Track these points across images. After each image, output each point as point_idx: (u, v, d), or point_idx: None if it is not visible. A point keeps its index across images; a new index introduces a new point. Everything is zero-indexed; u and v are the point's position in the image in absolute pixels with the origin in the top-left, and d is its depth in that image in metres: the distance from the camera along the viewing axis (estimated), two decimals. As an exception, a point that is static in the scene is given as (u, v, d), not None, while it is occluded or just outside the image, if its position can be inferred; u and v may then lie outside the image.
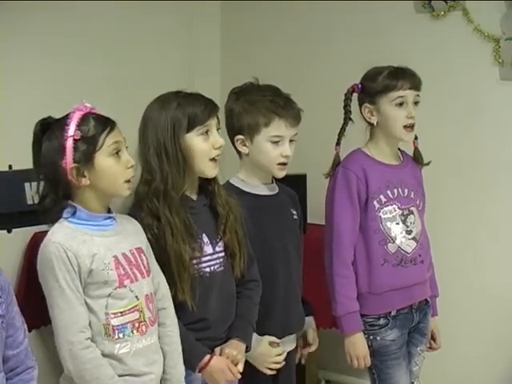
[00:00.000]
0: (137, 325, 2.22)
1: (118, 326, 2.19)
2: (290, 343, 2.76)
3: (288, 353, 2.74)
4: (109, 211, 2.28)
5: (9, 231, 2.82)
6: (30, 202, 2.84)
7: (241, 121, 2.66)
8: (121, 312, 2.19)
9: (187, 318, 2.41)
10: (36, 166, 2.23)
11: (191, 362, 2.40)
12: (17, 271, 3.23)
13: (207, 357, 2.42)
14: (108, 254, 2.20)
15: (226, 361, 2.44)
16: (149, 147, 2.44)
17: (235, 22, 4.11)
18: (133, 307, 2.21)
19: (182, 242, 2.38)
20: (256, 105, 2.65)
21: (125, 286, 2.21)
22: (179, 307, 2.38)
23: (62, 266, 2.14)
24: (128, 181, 2.24)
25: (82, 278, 2.16)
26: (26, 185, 2.85)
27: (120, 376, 2.19)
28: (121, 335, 2.19)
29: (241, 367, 2.48)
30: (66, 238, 2.16)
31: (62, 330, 2.14)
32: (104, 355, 2.18)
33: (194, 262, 2.43)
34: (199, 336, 2.43)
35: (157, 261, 2.37)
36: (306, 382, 3.41)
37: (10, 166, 2.83)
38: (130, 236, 2.29)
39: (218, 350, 2.47)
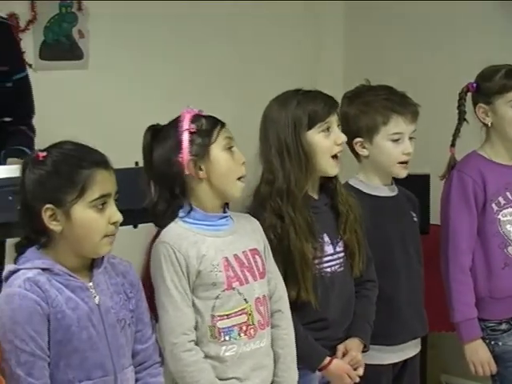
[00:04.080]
0: (244, 328, 2.22)
1: (223, 328, 2.20)
2: (413, 347, 2.73)
3: (412, 357, 2.71)
4: (225, 211, 2.30)
5: (135, 226, 2.87)
6: (150, 206, 2.90)
7: (358, 123, 2.63)
8: (227, 315, 2.21)
9: (308, 318, 2.41)
10: (147, 170, 2.28)
11: (311, 363, 2.41)
12: (141, 266, 3.30)
13: (327, 359, 2.42)
14: (218, 255, 2.22)
15: (346, 367, 2.44)
16: (270, 146, 2.45)
17: (358, 21, 4.09)
18: (240, 310, 2.22)
19: (304, 241, 2.38)
20: (372, 105, 2.62)
21: (233, 289, 2.22)
22: (301, 307, 2.39)
23: (170, 267, 2.18)
24: (240, 178, 2.25)
25: (190, 280, 2.19)
26: (152, 181, 2.91)
27: (223, 380, 2.20)
28: (227, 338, 2.20)
29: (361, 371, 2.46)
30: (177, 239, 2.20)
31: (166, 331, 2.18)
32: (209, 357, 2.20)
33: (316, 261, 2.43)
34: (318, 336, 2.44)
35: (281, 261, 2.37)
36: (427, 386, 3.36)
37: (137, 163, 2.88)
38: (245, 236, 2.30)
39: (341, 348, 2.47)
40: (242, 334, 2.23)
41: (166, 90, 3.55)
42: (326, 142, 2.45)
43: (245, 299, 2.24)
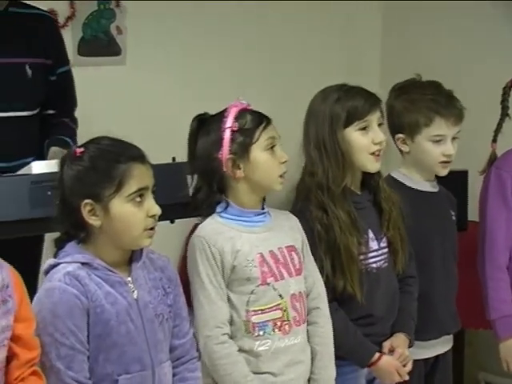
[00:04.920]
0: (279, 323, 2.23)
1: (258, 323, 2.21)
2: (446, 343, 2.72)
3: (444, 353, 2.70)
4: (263, 207, 2.30)
5: (172, 222, 2.89)
6: (191, 193, 2.91)
7: (401, 120, 2.62)
8: (261, 310, 2.21)
9: (354, 313, 2.42)
10: (191, 159, 2.30)
11: (361, 359, 2.41)
12: (178, 261, 3.32)
13: (376, 355, 2.42)
14: (253, 250, 2.22)
15: (395, 363, 2.43)
16: (310, 141, 2.45)
17: (396, 16, 4.07)
18: (275, 306, 2.23)
19: (349, 236, 2.38)
20: (417, 104, 2.60)
21: (268, 284, 2.22)
22: (347, 302, 2.40)
23: (205, 261, 2.19)
24: (281, 176, 2.26)
25: (225, 274, 2.20)
26: (188, 177, 2.93)
27: (257, 373, 2.21)
28: (261, 333, 2.21)
29: (410, 367, 2.45)
30: (212, 233, 2.21)
31: (201, 324, 2.19)
32: (243, 351, 2.21)
33: (362, 257, 2.43)
34: (365, 331, 2.44)
35: (328, 251, 2.37)
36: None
37: (174, 159, 2.90)
38: (282, 233, 2.30)
39: (387, 345, 2.46)
40: (277, 330, 2.23)
41: (203, 86, 3.56)
42: (363, 140, 2.43)
43: (280, 295, 2.24)
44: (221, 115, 2.26)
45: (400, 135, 2.64)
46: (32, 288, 2.05)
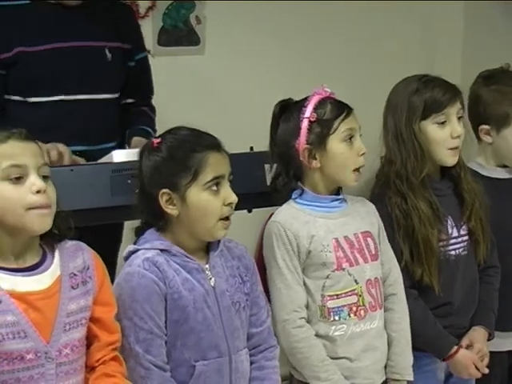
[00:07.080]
0: (354, 309, 2.23)
1: (333, 308, 2.22)
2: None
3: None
4: (338, 193, 2.30)
5: (249, 211, 2.91)
6: (269, 183, 2.92)
7: (488, 110, 2.57)
8: (337, 295, 2.22)
9: (432, 303, 2.41)
10: (272, 145, 2.31)
11: (439, 350, 2.41)
12: (255, 250, 3.34)
13: (454, 348, 2.41)
14: (328, 236, 2.23)
15: (473, 357, 2.41)
16: (388, 130, 2.44)
17: (478, 5, 4.00)
18: (350, 291, 2.23)
19: (429, 227, 2.37)
20: (508, 96, 2.55)
21: (343, 269, 2.23)
22: (425, 291, 2.39)
23: (281, 246, 2.20)
24: (357, 169, 2.25)
25: (300, 259, 2.21)
26: (266, 166, 2.94)
27: (333, 358, 2.22)
28: (336, 317, 2.22)
29: (486, 361, 2.43)
30: (288, 218, 2.22)
31: (278, 308, 2.21)
32: (319, 336, 2.22)
33: (441, 244, 2.42)
34: (444, 323, 2.42)
35: (406, 238, 2.37)
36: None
37: (252, 148, 2.92)
38: (358, 219, 2.30)
39: (465, 341, 2.44)
40: (352, 315, 2.24)
41: (281, 76, 3.57)
42: (440, 133, 2.41)
43: (355, 280, 2.25)
44: (301, 103, 2.27)
45: (485, 126, 2.59)
46: (111, 274, 2.09)
